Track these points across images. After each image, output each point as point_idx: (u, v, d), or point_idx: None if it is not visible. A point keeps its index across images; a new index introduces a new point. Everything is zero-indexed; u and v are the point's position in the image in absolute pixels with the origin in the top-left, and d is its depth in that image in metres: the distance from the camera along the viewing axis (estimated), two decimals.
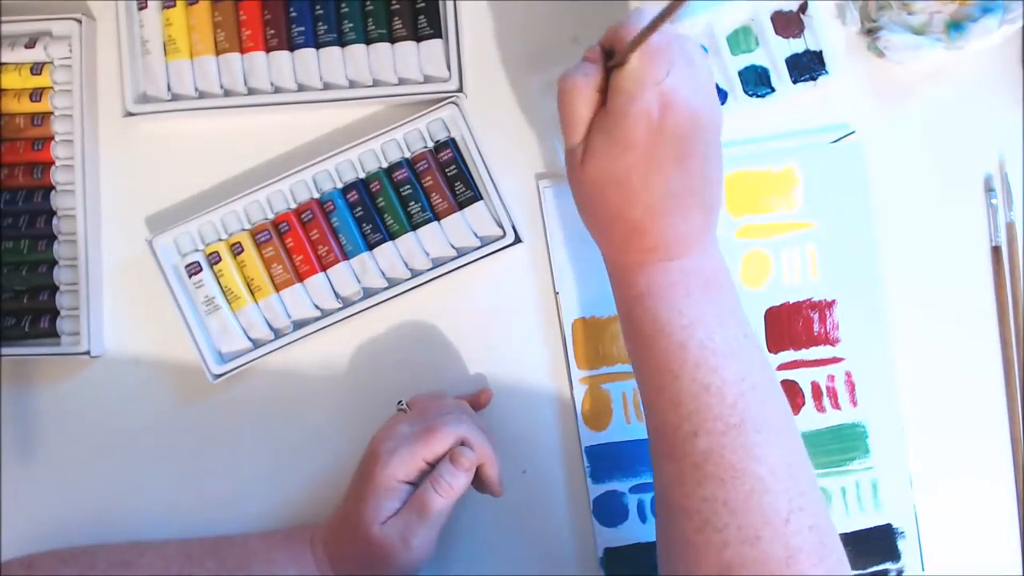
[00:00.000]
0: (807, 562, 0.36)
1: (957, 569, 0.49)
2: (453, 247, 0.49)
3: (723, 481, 0.37)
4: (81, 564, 0.44)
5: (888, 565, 0.49)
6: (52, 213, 0.50)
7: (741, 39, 0.50)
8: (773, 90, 0.49)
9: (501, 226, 0.49)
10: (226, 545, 0.46)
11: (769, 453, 0.37)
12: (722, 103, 0.49)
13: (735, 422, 0.37)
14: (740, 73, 0.49)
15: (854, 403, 0.49)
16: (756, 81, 0.49)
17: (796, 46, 0.49)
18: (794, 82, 0.49)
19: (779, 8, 0.50)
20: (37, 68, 0.50)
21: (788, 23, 0.50)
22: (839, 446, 0.49)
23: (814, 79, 0.49)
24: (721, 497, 0.37)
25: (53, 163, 0.50)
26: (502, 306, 0.51)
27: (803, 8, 0.49)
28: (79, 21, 0.50)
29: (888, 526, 0.49)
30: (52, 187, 0.50)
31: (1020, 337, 0.50)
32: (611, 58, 0.39)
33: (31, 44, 0.50)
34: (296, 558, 0.45)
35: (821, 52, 0.49)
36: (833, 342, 0.50)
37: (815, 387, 0.50)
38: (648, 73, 0.37)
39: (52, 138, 0.50)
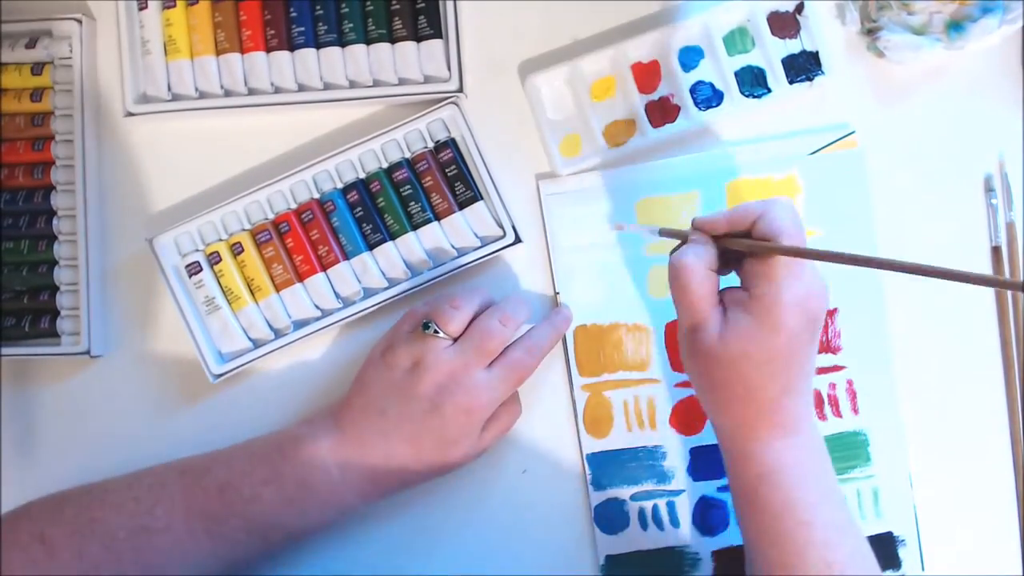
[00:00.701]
0: None
1: (957, 569, 0.49)
2: (453, 247, 0.49)
3: None
4: (97, 534, 0.42)
5: (889, 573, 0.49)
6: (52, 213, 0.50)
7: (737, 40, 0.50)
8: (769, 91, 0.49)
9: (501, 226, 0.49)
10: (238, 500, 0.44)
11: None
12: (718, 104, 0.49)
13: None
14: (736, 74, 0.49)
15: (855, 411, 0.49)
16: (752, 82, 0.49)
17: (792, 47, 0.49)
18: (790, 82, 0.49)
19: (775, 9, 0.50)
20: (38, 68, 0.50)
21: (784, 24, 0.50)
22: (840, 454, 0.49)
23: (810, 80, 0.49)
24: None
25: (53, 163, 0.50)
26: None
27: (799, 9, 0.49)
28: (79, 21, 0.50)
29: (889, 534, 0.49)
30: (52, 187, 0.50)
31: (1020, 337, 0.50)
32: (721, 236, 0.42)
33: (31, 44, 0.50)
34: (328, 502, 0.44)
35: (817, 53, 0.49)
36: (835, 350, 0.50)
37: (817, 395, 0.49)
38: (796, 264, 0.39)
39: (52, 138, 0.50)
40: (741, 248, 0.41)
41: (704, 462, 0.50)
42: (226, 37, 0.49)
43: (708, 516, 0.49)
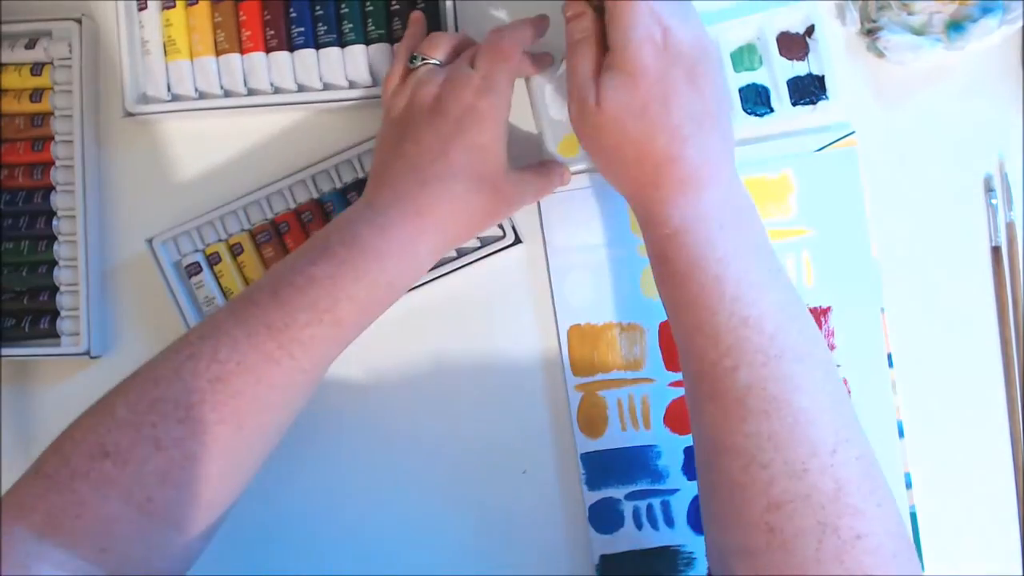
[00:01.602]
0: (857, 493, 0.35)
1: (957, 569, 0.49)
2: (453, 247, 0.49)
3: (766, 414, 0.36)
4: (166, 413, 0.37)
5: None
6: (52, 214, 0.50)
7: (745, 57, 0.50)
8: (772, 111, 0.49)
9: (501, 226, 0.49)
10: (295, 294, 0.39)
11: (811, 384, 0.37)
12: None
13: (775, 353, 0.37)
14: (740, 91, 0.49)
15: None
16: (756, 100, 0.49)
17: (799, 68, 0.49)
18: (793, 104, 0.49)
19: (786, 29, 0.49)
20: (37, 68, 0.50)
21: (793, 45, 0.49)
22: None
23: (814, 103, 0.49)
24: (765, 431, 0.36)
25: (53, 163, 0.50)
26: (502, 307, 0.51)
27: (809, 32, 0.49)
28: (79, 21, 0.50)
29: None
30: (52, 187, 0.50)
31: (1020, 337, 0.50)
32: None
33: (31, 44, 0.50)
34: (381, 252, 0.40)
35: (823, 77, 0.49)
36: (829, 349, 0.49)
37: None
38: (640, 1, 0.38)
39: (52, 138, 0.50)
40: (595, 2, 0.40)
41: None
42: (226, 37, 0.49)
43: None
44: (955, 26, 0.48)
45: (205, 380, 0.37)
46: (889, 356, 0.49)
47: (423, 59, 0.44)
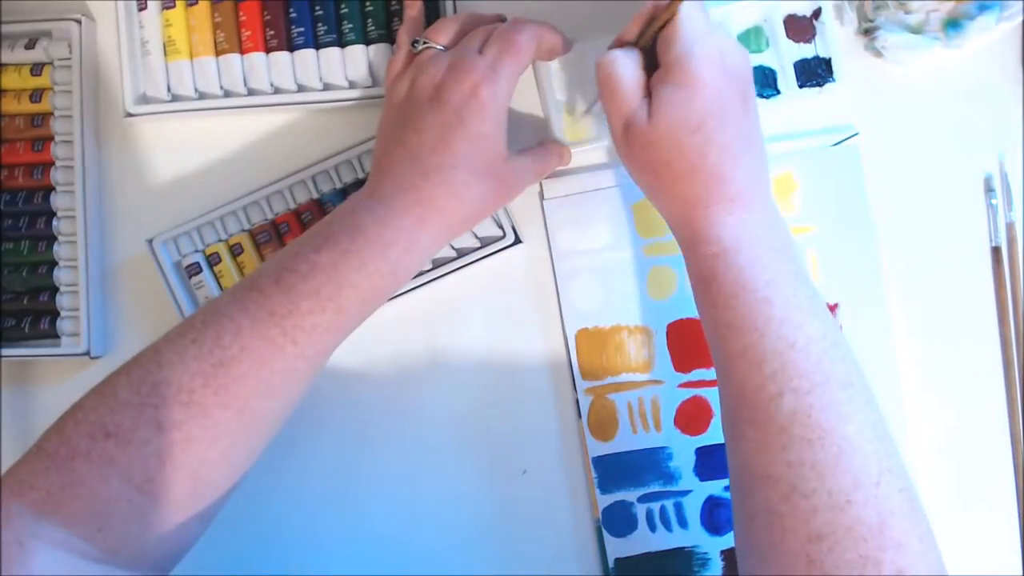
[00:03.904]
0: (899, 527, 0.34)
1: (957, 569, 0.49)
2: (453, 248, 0.49)
3: (810, 443, 0.35)
4: (167, 396, 0.37)
5: None
6: (52, 214, 0.50)
7: (752, 39, 0.50)
8: (779, 92, 0.49)
9: (501, 227, 0.49)
10: (298, 281, 0.39)
11: (855, 412, 0.36)
12: None
13: (820, 380, 0.36)
14: None
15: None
16: (763, 82, 0.49)
17: (806, 51, 0.49)
18: (800, 86, 0.49)
19: (793, 12, 0.49)
20: (37, 69, 0.50)
21: (800, 28, 0.49)
22: None
23: (820, 86, 0.49)
24: (809, 460, 0.35)
25: (53, 164, 0.50)
26: (502, 307, 0.51)
27: (816, 14, 0.49)
28: (79, 22, 0.50)
29: None
30: (52, 188, 0.50)
31: (1020, 337, 0.50)
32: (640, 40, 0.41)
33: (31, 45, 0.50)
34: (384, 239, 0.40)
35: (830, 60, 0.49)
36: None
37: None
38: (704, 18, 0.39)
39: (52, 139, 0.50)
40: (652, 32, 0.40)
41: (710, 462, 0.49)
42: (225, 38, 0.50)
43: (716, 516, 0.49)
44: (953, 24, 0.48)
45: (208, 364, 0.38)
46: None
47: (426, 43, 0.44)
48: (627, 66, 0.40)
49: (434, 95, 0.41)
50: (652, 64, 0.41)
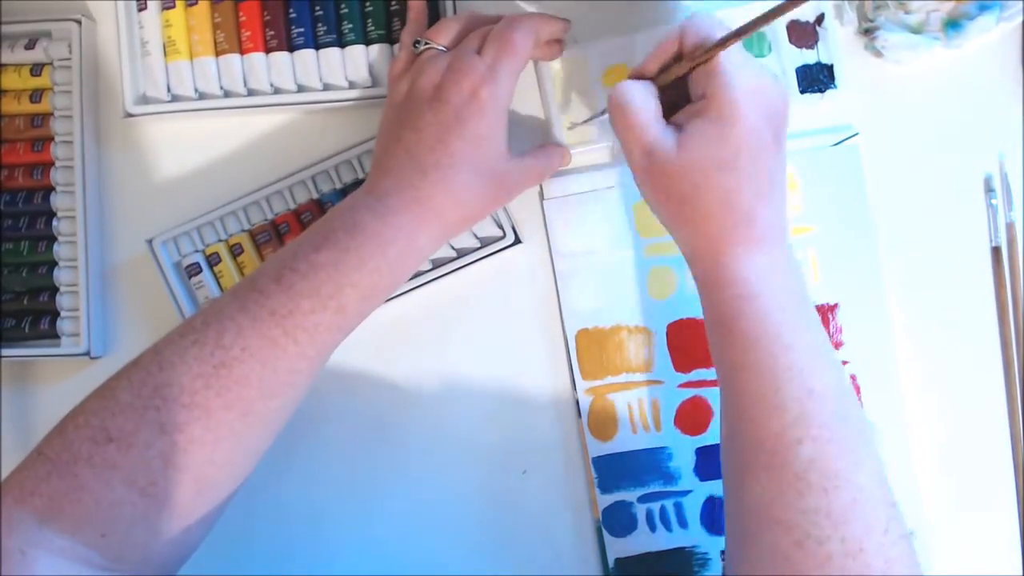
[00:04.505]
0: (904, 573, 0.35)
1: (957, 569, 0.49)
2: (452, 248, 0.49)
3: (826, 491, 0.35)
4: (168, 399, 0.37)
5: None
6: (52, 214, 0.50)
7: (755, 43, 0.50)
8: None
9: (501, 227, 0.49)
10: (298, 280, 0.39)
11: (867, 460, 0.36)
12: None
13: (838, 428, 0.36)
14: None
15: (860, 405, 0.49)
16: None
17: (808, 57, 0.49)
18: (801, 92, 0.49)
19: (796, 17, 0.49)
20: (37, 69, 0.50)
21: (803, 33, 0.49)
22: None
23: (822, 92, 0.49)
24: (824, 508, 0.35)
25: (53, 164, 0.50)
26: (503, 307, 0.51)
27: (819, 20, 0.49)
28: (79, 22, 0.50)
29: None
30: (52, 188, 0.50)
31: (1020, 337, 0.50)
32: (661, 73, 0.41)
33: (31, 45, 0.50)
34: (383, 238, 0.40)
35: (832, 66, 0.49)
36: (837, 345, 0.49)
37: None
38: (742, 51, 0.39)
39: (52, 139, 0.50)
40: (679, 72, 0.40)
41: (710, 462, 0.50)
42: (225, 38, 0.50)
43: (716, 515, 0.49)
44: (953, 24, 0.48)
45: (210, 366, 0.37)
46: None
47: (427, 44, 0.44)
48: (642, 96, 0.40)
49: (434, 95, 0.42)
50: (668, 96, 0.41)
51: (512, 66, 0.42)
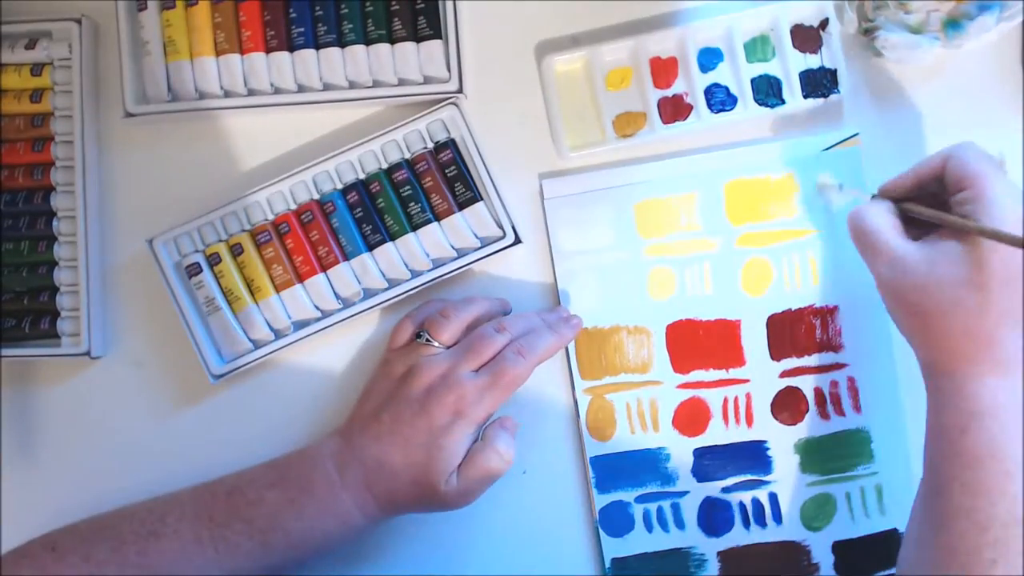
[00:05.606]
0: None
1: None
2: (453, 248, 0.49)
3: None
4: (107, 538, 0.44)
5: (894, 570, 0.49)
6: (52, 214, 0.50)
7: (759, 47, 0.50)
8: (783, 102, 0.49)
9: (501, 227, 0.49)
10: (243, 503, 0.44)
11: None
12: (731, 108, 0.49)
13: None
14: (753, 81, 0.49)
15: (857, 409, 0.49)
16: (767, 91, 0.49)
17: (812, 61, 0.49)
18: (804, 97, 0.49)
19: (800, 22, 0.49)
20: (37, 69, 0.50)
21: (807, 38, 0.49)
22: (843, 452, 0.49)
23: (825, 96, 0.49)
24: None
25: (53, 164, 0.50)
26: None
27: (823, 25, 0.49)
28: (79, 22, 0.50)
29: (894, 531, 0.49)
30: (52, 188, 0.50)
31: None
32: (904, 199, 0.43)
33: (31, 45, 0.50)
34: (327, 505, 0.44)
35: (835, 71, 0.49)
36: (836, 348, 0.50)
37: (818, 393, 0.49)
38: (1004, 178, 0.40)
39: (52, 139, 0.50)
40: (931, 219, 0.41)
41: (708, 463, 0.50)
42: (225, 38, 0.50)
43: (713, 517, 0.49)
44: (952, 24, 0.48)
45: (145, 530, 0.43)
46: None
47: (428, 339, 0.46)
48: (879, 217, 0.42)
49: (422, 400, 0.44)
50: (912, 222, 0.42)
51: (502, 398, 0.45)
